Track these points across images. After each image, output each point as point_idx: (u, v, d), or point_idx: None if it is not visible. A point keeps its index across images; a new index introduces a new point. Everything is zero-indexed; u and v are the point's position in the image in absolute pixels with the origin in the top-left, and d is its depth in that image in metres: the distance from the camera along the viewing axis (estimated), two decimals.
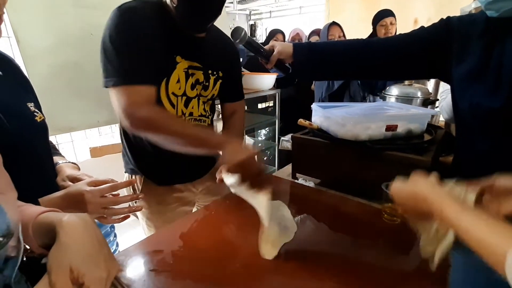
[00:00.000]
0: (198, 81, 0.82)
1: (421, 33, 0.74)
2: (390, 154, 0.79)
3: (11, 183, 0.37)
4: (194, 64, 0.80)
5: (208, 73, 0.84)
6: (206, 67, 0.83)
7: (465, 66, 0.65)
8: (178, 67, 0.77)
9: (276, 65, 0.84)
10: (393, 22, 1.91)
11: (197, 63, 0.81)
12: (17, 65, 0.62)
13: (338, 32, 1.91)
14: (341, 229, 0.71)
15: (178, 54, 0.77)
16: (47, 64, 1.42)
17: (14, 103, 0.55)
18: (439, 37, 0.69)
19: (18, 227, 0.36)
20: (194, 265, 0.58)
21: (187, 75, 0.79)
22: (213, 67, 0.85)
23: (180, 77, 0.78)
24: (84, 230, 0.37)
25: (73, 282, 0.33)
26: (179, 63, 0.77)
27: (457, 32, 0.66)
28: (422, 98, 1.27)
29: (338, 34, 1.90)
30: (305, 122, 0.99)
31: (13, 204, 0.37)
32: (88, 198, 0.56)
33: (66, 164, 0.69)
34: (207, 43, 0.82)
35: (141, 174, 0.87)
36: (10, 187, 0.36)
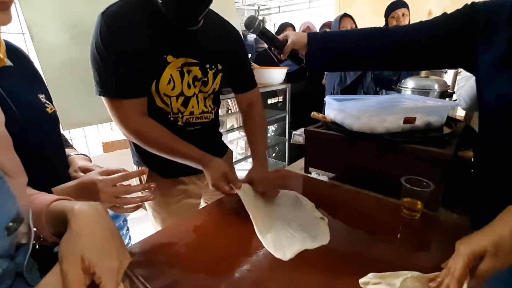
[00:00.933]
0: (196, 77, 0.79)
1: (443, 20, 0.69)
2: (408, 147, 0.77)
3: (21, 167, 0.36)
4: (189, 60, 0.76)
5: (205, 67, 0.80)
6: (203, 61, 0.79)
7: (492, 54, 0.61)
8: (169, 68, 0.73)
9: (290, 55, 0.82)
10: (406, 13, 1.84)
11: (192, 58, 0.76)
12: (28, 57, 0.62)
13: (350, 24, 1.85)
14: (357, 224, 0.69)
15: (169, 54, 0.72)
16: (60, 60, 1.44)
17: (25, 94, 0.56)
18: (463, 24, 0.65)
19: (28, 212, 0.36)
20: (207, 259, 0.57)
21: (182, 73, 0.75)
22: (211, 60, 0.81)
23: (173, 77, 0.74)
24: (95, 219, 0.37)
25: (85, 272, 0.33)
26: (171, 62, 0.73)
27: (483, 18, 0.62)
28: (439, 91, 1.23)
29: (350, 26, 1.84)
30: (318, 115, 0.96)
31: (23, 189, 0.36)
32: (101, 187, 0.55)
33: (78, 156, 0.70)
34: (203, 36, 0.77)
35: (146, 166, 0.87)
36: (21, 172, 0.36)
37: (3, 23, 0.47)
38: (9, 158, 0.34)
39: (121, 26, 0.66)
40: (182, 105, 0.79)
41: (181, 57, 0.74)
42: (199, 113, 0.84)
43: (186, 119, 0.81)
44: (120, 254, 0.37)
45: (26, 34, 1.48)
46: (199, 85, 0.81)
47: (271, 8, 4.92)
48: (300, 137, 1.17)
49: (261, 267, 0.55)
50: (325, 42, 0.79)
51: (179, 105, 0.79)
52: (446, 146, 0.75)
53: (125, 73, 0.68)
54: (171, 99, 0.77)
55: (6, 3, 0.46)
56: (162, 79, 0.73)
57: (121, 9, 0.67)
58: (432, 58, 0.72)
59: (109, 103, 0.70)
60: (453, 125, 0.89)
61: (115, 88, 0.68)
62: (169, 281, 0.51)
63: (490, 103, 0.62)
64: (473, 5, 0.65)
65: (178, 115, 0.80)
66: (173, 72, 0.74)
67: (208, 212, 0.74)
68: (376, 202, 0.78)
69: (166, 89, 0.75)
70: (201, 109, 0.83)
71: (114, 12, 0.66)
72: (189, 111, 0.81)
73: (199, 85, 0.81)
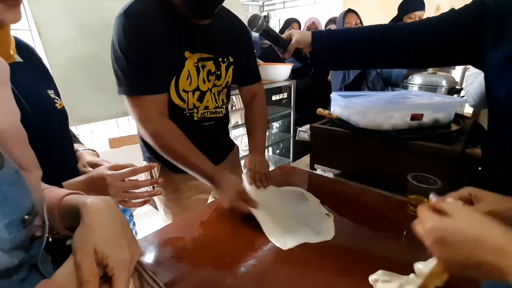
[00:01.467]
0: (210, 72, 0.81)
1: (451, 16, 0.68)
2: (416, 144, 0.76)
3: (36, 162, 0.37)
4: (203, 55, 0.78)
5: (218, 61, 0.82)
6: (216, 55, 0.81)
7: (502, 50, 0.60)
8: (187, 63, 0.75)
9: (294, 54, 0.81)
10: (422, 16, 1.81)
11: (206, 53, 0.79)
12: (36, 54, 0.63)
13: (354, 20, 1.82)
14: (363, 221, 0.68)
15: (186, 50, 0.75)
16: (66, 56, 1.45)
17: (35, 89, 0.56)
18: (472, 20, 0.64)
19: (43, 206, 0.37)
20: (213, 253, 0.58)
21: (198, 69, 0.78)
22: (223, 54, 0.82)
23: (190, 73, 0.76)
24: (108, 213, 0.38)
25: (97, 264, 0.34)
26: (188, 58, 0.75)
27: (493, 13, 0.61)
28: (447, 87, 1.21)
29: (355, 22, 1.81)
30: (324, 112, 0.96)
31: (38, 182, 0.37)
32: (110, 182, 0.56)
33: (86, 151, 0.71)
34: (214, 30, 0.79)
35: (158, 162, 0.88)
36: (36, 166, 0.37)
37: (13, 21, 0.48)
38: (24, 153, 0.35)
39: (143, 24, 0.67)
40: (198, 100, 0.81)
41: (197, 52, 0.76)
42: (213, 108, 0.85)
43: (201, 114, 0.83)
44: (132, 247, 0.37)
45: (33, 31, 1.49)
46: (213, 79, 0.82)
47: (276, 3, 4.87)
48: (305, 134, 1.17)
49: (267, 262, 0.55)
50: (330, 41, 0.78)
51: (195, 100, 0.80)
52: (454, 142, 0.74)
53: (149, 70, 0.69)
54: (188, 94, 0.78)
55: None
56: (182, 74, 0.75)
57: (141, 7, 0.68)
58: (440, 55, 0.71)
59: (132, 101, 0.70)
60: (461, 122, 0.88)
61: (138, 85, 0.69)
62: (177, 274, 0.52)
63: (500, 100, 0.61)
64: (482, 1, 0.63)
65: (194, 110, 0.82)
66: (190, 67, 0.76)
67: (214, 207, 0.75)
68: (382, 199, 0.78)
69: (185, 84, 0.76)
70: (214, 104, 0.85)
71: (137, 10, 0.67)
72: (204, 105, 0.83)
73: (213, 79, 0.82)
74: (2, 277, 0.30)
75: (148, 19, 0.68)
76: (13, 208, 0.30)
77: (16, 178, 0.31)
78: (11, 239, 0.30)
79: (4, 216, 0.29)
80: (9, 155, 0.31)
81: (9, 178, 0.30)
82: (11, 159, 0.31)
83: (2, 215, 0.29)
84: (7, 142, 0.32)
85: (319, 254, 0.57)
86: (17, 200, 0.31)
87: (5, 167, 0.30)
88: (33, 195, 0.34)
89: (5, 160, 0.30)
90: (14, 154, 0.32)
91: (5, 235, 0.29)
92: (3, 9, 0.44)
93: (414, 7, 1.79)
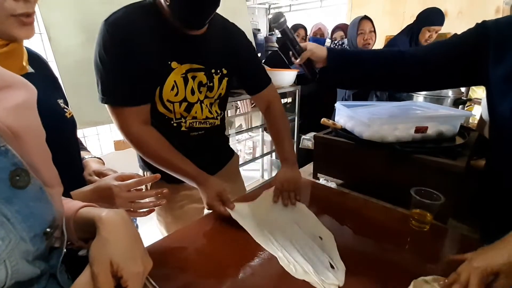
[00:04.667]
0: (201, 83, 0.77)
1: (456, 39, 0.72)
2: (419, 158, 0.76)
3: (58, 178, 0.39)
4: (194, 66, 0.75)
5: (211, 72, 0.78)
6: (208, 66, 0.77)
7: (505, 67, 0.62)
8: (173, 74, 0.72)
9: (305, 63, 0.81)
10: (439, 31, 1.83)
11: (197, 64, 0.75)
12: (46, 63, 0.64)
13: (368, 27, 1.79)
14: (365, 233, 0.69)
15: (173, 60, 0.71)
16: (76, 60, 1.48)
17: (46, 99, 0.58)
18: (475, 40, 0.67)
19: (62, 219, 0.39)
20: (216, 264, 0.58)
21: (186, 80, 0.74)
22: (215, 65, 0.79)
23: (177, 83, 0.73)
24: (122, 226, 0.39)
25: (112, 275, 0.36)
26: (175, 69, 0.72)
27: (494, 34, 0.64)
28: (453, 97, 1.21)
29: (369, 29, 1.79)
30: (328, 122, 0.96)
31: (59, 197, 0.39)
32: (116, 192, 0.57)
33: (92, 159, 0.72)
34: (207, 40, 0.76)
35: (150, 171, 0.87)
36: (58, 182, 0.38)
37: (26, 37, 0.49)
38: (48, 170, 0.37)
39: (124, 34, 0.65)
40: (185, 110, 0.78)
41: (186, 63, 0.74)
42: (203, 119, 0.82)
43: (190, 123, 0.80)
44: (144, 259, 0.39)
45: (43, 34, 1.52)
46: (204, 90, 0.79)
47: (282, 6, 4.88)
48: (309, 142, 1.17)
49: (268, 273, 0.56)
50: (344, 62, 0.80)
51: (182, 110, 0.77)
52: (459, 157, 0.74)
53: (128, 81, 0.68)
54: (174, 105, 0.76)
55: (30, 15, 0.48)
56: (166, 85, 0.72)
57: (125, 16, 0.67)
58: (447, 76, 0.73)
59: (111, 110, 0.70)
60: (466, 135, 0.88)
61: (117, 96, 0.68)
62: (180, 285, 0.53)
63: (504, 116, 0.62)
64: (484, 23, 0.67)
65: (181, 120, 0.79)
66: (177, 78, 0.73)
67: (215, 217, 0.75)
68: (385, 212, 0.78)
69: (170, 95, 0.74)
70: (205, 115, 0.82)
71: (118, 19, 0.66)
72: (191, 115, 0.80)
73: (204, 90, 0.79)
74: (25, 286, 0.32)
75: (130, 28, 0.66)
76: (37, 222, 0.32)
77: (40, 194, 0.34)
78: (35, 251, 0.32)
79: (30, 230, 0.31)
80: (34, 173, 0.33)
81: (35, 195, 0.33)
82: (36, 176, 0.33)
83: (29, 229, 0.31)
84: (34, 161, 0.34)
85: None
86: (41, 214, 0.33)
87: (31, 184, 0.32)
88: (54, 209, 0.36)
89: (31, 177, 0.32)
90: (39, 172, 0.34)
91: (30, 248, 0.31)
92: (17, 26, 0.46)
93: (437, 21, 1.80)
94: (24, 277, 0.31)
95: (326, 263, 0.58)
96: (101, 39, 0.65)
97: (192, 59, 0.74)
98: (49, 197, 0.35)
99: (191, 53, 0.74)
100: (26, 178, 0.31)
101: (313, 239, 0.65)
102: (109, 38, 0.65)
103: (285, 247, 0.62)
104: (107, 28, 0.65)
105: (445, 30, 2.57)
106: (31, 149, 0.33)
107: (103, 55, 0.65)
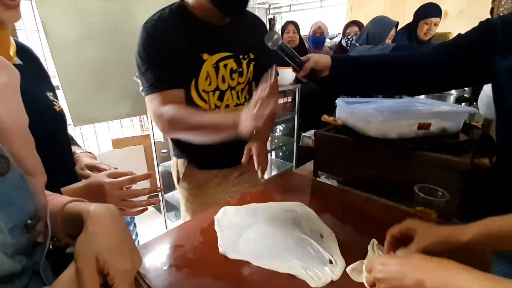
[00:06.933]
0: (232, 70, 0.84)
1: (460, 38, 0.71)
2: (423, 154, 0.74)
3: (41, 167, 0.37)
4: (223, 54, 0.81)
5: (239, 58, 0.85)
6: (236, 53, 0.84)
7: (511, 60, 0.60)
8: (205, 65, 0.79)
9: (309, 75, 0.79)
10: (438, 24, 1.81)
11: (226, 52, 0.82)
12: (36, 56, 0.63)
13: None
14: (367, 232, 0.66)
15: (204, 52, 0.79)
16: (72, 57, 1.46)
17: (35, 92, 0.56)
18: (480, 37, 0.66)
19: (45, 211, 0.36)
20: (214, 262, 0.56)
21: (217, 69, 0.81)
22: (243, 50, 0.85)
23: (209, 73, 0.80)
24: (111, 221, 0.37)
25: (99, 272, 0.33)
26: (206, 60, 0.79)
27: (500, 29, 0.63)
28: (456, 95, 1.19)
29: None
30: (329, 118, 0.95)
31: (42, 188, 0.37)
32: (108, 190, 0.55)
33: (83, 153, 0.71)
34: (233, 29, 0.83)
35: (185, 158, 0.94)
36: (41, 171, 0.36)
37: (12, 21, 0.48)
38: (31, 158, 0.35)
39: (160, 32, 0.75)
40: (218, 99, 0.84)
41: (216, 53, 0.80)
42: (234, 106, 0.88)
43: (223, 113, 0.85)
44: (133, 256, 0.37)
45: (41, 31, 1.50)
46: (236, 77, 0.85)
47: (282, 6, 4.87)
48: (310, 140, 1.15)
49: (265, 272, 0.54)
50: (349, 68, 0.79)
51: (216, 99, 0.84)
52: (463, 153, 0.73)
53: (165, 70, 0.75)
54: (209, 95, 0.82)
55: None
56: (201, 76, 0.79)
57: (159, 18, 0.77)
58: (456, 76, 0.72)
59: (150, 99, 0.76)
60: (470, 132, 0.86)
61: (155, 83, 0.75)
62: (173, 283, 0.51)
63: (510, 108, 0.60)
64: (489, 20, 0.67)
65: (216, 110, 0.85)
66: (209, 68, 0.80)
67: (214, 214, 0.73)
68: (387, 209, 0.76)
69: (204, 85, 0.81)
70: (235, 102, 0.88)
71: (153, 21, 0.76)
72: (224, 104, 0.86)
73: (236, 77, 0.85)
74: (5, 282, 0.30)
75: (165, 29, 0.75)
76: (17, 212, 0.30)
77: (21, 182, 0.31)
78: (14, 244, 0.30)
79: (9, 220, 0.29)
80: (15, 159, 0.31)
81: (15, 183, 0.30)
82: (17, 164, 0.31)
83: (7, 219, 0.29)
84: (15, 148, 0.32)
85: None
86: (21, 204, 0.31)
87: (10, 171, 0.30)
88: (36, 200, 0.34)
89: (11, 164, 0.30)
90: (20, 158, 0.32)
91: (8, 239, 0.29)
92: (2, 10, 0.44)
93: (431, 13, 1.78)
94: (2, 271, 0.29)
95: (325, 259, 0.56)
96: (141, 39, 0.75)
97: (221, 48, 0.81)
98: (31, 186, 0.32)
99: (219, 43, 0.81)
100: (5, 165, 0.29)
101: (314, 237, 0.63)
102: (147, 38, 0.75)
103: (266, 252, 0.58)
104: (145, 30, 0.75)
105: (445, 30, 2.55)
106: (12, 134, 0.31)
107: (142, 53, 0.75)
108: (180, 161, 0.96)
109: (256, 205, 0.76)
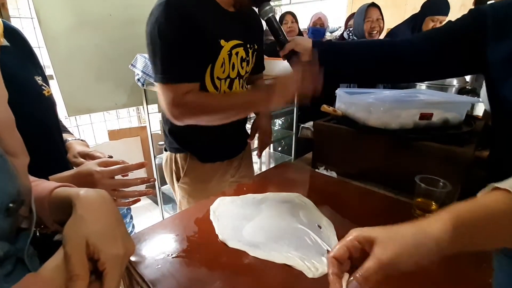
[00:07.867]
0: (242, 58, 0.83)
1: (450, 26, 0.69)
2: (424, 145, 0.72)
3: (23, 147, 0.35)
4: (236, 42, 0.79)
5: (247, 47, 0.84)
6: (245, 41, 0.83)
7: (506, 49, 0.58)
8: (222, 51, 0.76)
9: (289, 56, 0.78)
10: (443, 21, 1.76)
11: (238, 40, 0.80)
12: (25, 38, 0.61)
13: (376, 15, 1.71)
14: (366, 223, 0.65)
15: (222, 38, 0.76)
16: (67, 46, 1.43)
17: (21, 74, 0.54)
18: (471, 25, 0.64)
19: (29, 194, 0.34)
20: (209, 252, 0.55)
21: (230, 56, 0.79)
22: (250, 40, 0.85)
23: (224, 61, 0.78)
24: (101, 205, 0.35)
25: (89, 258, 0.31)
26: (223, 47, 0.76)
27: (491, 17, 0.60)
28: (458, 87, 1.17)
29: (376, 17, 1.71)
30: (328, 108, 0.92)
31: (24, 169, 0.35)
32: (98, 179, 0.53)
33: (75, 141, 0.68)
34: (243, 17, 0.82)
35: (187, 152, 0.90)
36: (23, 151, 0.34)
37: None
38: (11, 137, 0.33)
39: (185, 11, 0.68)
40: (228, 87, 0.83)
41: (231, 40, 0.78)
42: None
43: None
44: (126, 242, 0.34)
45: (35, 19, 1.46)
46: (245, 65, 0.85)
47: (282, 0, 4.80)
48: (308, 131, 1.13)
49: (261, 263, 0.52)
50: (332, 54, 0.76)
51: (226, 87, 0.82)
52: (466, 144, 0.71)
53: (186, 56, 0.70)
54: (221, 82, 0.80)
55: None
56: (217, 62, 0.76)
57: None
58: (445, 64, 0.70)
59: (167, 88, 0.70)
60: (472, 123, 0.84)
61: (175, 72, 0.70)
62: (166, 273, 0.50)
63: (507, 99, 0.59)
64: (479, 7, 0.64)
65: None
66: (225, 55, 0.77)
67: (210, 204, 0.72)
68: (387, 201, 0.74)
69: (219, 72, 0.78)
70: (239, 91, 0.87)
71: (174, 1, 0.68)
72: (233, 92, 0.85)
73: (245, 65, 0.85)
74: None
75: (190, 9, 0.70)
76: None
77: (1, 163, 0.29)
78: None
79: None
80: None
81: None
82: None
83: None
84: None
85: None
86: (2, 186, 0.29)
87: None
88: (19, 182, 0.32)
89: None
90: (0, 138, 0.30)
91: None
92: None
93: (441, 11, 1.72)
94: None
95: (323, 249, 0.54)
96: (162, 16, 0.66)
97: (234, 35, 0.79)
98: (12, 167, 0.30)
99: (234, 30, 0.79)
100: None
101: (311, 227, 0.61)
102: (171, 16, 0.67)
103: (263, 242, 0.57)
104: (170, 6, 0.67)
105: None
106: None
107: (165, 31, 0.67)
108: (181, 155, 0.92)
109: (253, 196, 0.74)
